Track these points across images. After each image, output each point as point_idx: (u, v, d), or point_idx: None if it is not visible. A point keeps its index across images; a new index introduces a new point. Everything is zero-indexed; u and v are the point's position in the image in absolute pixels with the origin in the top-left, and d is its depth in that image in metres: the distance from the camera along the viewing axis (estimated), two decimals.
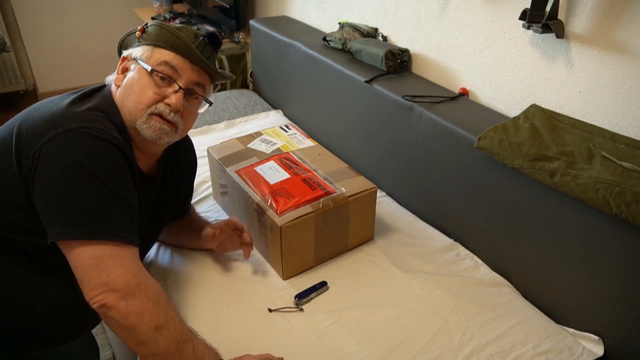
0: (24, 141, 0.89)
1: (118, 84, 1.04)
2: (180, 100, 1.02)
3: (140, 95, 1.00)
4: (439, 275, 1.30)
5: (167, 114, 1.01)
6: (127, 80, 1.03)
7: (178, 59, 1.02)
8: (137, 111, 1.00)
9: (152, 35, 1.04)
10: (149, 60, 1.02)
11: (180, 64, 1.02)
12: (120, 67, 1.06)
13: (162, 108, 1.01)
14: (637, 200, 0.96)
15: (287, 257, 1.25)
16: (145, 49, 1.03)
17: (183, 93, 1.02)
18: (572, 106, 1.25)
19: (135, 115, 1.00)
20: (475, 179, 1.31)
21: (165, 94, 1.01)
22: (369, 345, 1.10)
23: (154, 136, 1.01)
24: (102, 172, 0.88)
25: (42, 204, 0.87)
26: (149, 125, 1.00)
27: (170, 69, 1.02)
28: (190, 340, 0.92)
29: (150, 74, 1.01)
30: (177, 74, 1.02)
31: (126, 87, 1.02)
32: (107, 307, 0.84)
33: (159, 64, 1.01)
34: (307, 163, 1.42)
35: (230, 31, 2.60)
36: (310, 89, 1.95)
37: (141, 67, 1.02)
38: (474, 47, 1.46)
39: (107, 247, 0.86)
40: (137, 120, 1.00)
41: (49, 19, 3.23)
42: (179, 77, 1.03)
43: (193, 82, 1.05)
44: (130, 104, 1.00)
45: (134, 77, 1.02)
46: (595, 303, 1.12)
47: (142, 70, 1.02)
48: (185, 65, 1.03)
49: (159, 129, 1.01)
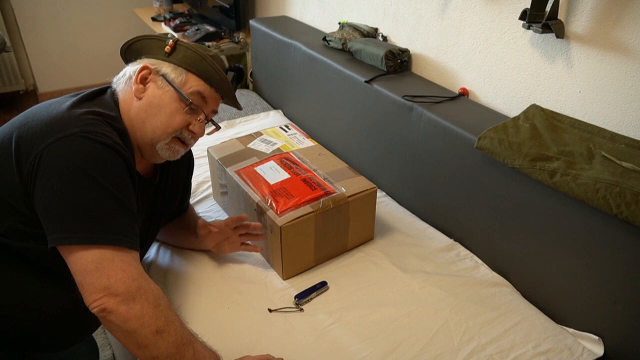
0: (24, 145, 0.89)
1: (139, 96, 1.02)
2: (204, 129, 1.08)
3: (169, 120, 1.02)
4: (439, 275, 1.30)
5: (189, 140, 1.07)
6: (154, 99, 1.02)
7: (210, 91, 1.07)
8: (162, 133, 1.03)
9: (187, 59, 1.04)
10: (184, 87, 1.03)
11: (210, 96, 1.07)
12: (139, 76, 1.03)
13: (186, 134, 1.06)
14: (637, 200, 0.96)
15: (287, 257, 1.25)
16: (180, 73, 1.04)
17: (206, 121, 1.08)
18: (572, 106, 1.25)
19: (160, 136, 1.03)
20: (475, 179, 1.31)
21: (190, 121, 1.05)
22: (369, 345, 1.10)
23: (170, 157, 1.07)
24: (103, 177, 0.88)
25: (43, 209, 0.87)
26: (170, 147, 1.05)
27: (201, 99, 1.05)
28: (191, 343, 0.92)
29: (185, 101, 1.02)
30: (205, 104, 1.07)
31: (152, 105, 1.02)
32: (108, 311, 0.84)
33: (192, 93, 1.04)
34: (307, 163, 1.42)
35: (230, 31, 2.60)
36: (310, 89, 1.95)
37: (174, 91, 1.02)
38: (474, 47, 1.46)
39: (108, 252, 0.86)
40: (159, 141, 1.03)
41: (49, 19, 3.23)
42: (205, 107, 1.07)
43: (214, 110, 1.11)
44: (156, 124, 1.02)
45: (163, 98, 1.02)
46: (595, 303, 1.12)
47: (175, 94, 1.02)
48: (213, 96, 1.08)
49: (177, 151, 1.07)
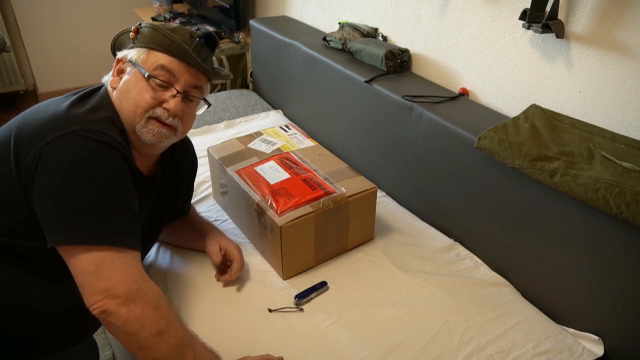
0: (22, 144, 0.88)
1: (114, 86, 1.02)
2: (179, 105, 1.01)
3: (137, 100, 0.99)
4: (439, 275, 1.30)
5: (166, 118, 1.01)
6: (124, 84, 1.01)
7: (174, 63, 1.01)
8: (135, 115, 0.99)
9: (146, 37, 1.02)
10: (145, 64, 1.00)
11: (176, 68, 1.01)
12: (115, 69, 1.04)
13: (160, 112, 1.00)
14: (637, 200, 0.96)
15: (287, 257, 1.25)
16: (141, 52, 1.02)
17: (181, 97, 1.02)
18: (572, 106, 1.25)
19: (134, 119, 0.99)
20: (475, 179, 1.31)
21: (163, 98, 1.00)
22: (369, 345, 1.10)
23: (154, 140, 1.01)
24: (103, 176, 0.87)
25: (41, 208, 0.86)
26: (148, 129, 0.99)
27: (167, 73, 1.01)
28: (191, 344, 0.91)
29: (147, 79, 0.99)
30: (174, 77, 1.01)
31: (123, 91, 1.01)
32: (108, 313, 0.83)
33: (155, 68, 1.00)
34: (307, 163, 1.42)
35: (230, 31, 2.59)
36: (310, 89, 1.95)
37: (137, 71, 1.00)
38: (474, 47, 1.46)
39: (108, 253, 0.85)
40: (135, 124, 0.99)
41: (49, 19, 3.23)
42: (176, 81, 1.02)
43: (190, 85, 1.04)
44: (127, 107, 0.99)
45: (130, 80, 1.01)
46: (595, 303, 1.12)
47: (139, 74, 1.00)
48: (181, 68, 1.02)
49: (158, 132, 1.00)
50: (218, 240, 1.26)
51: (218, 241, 1.25)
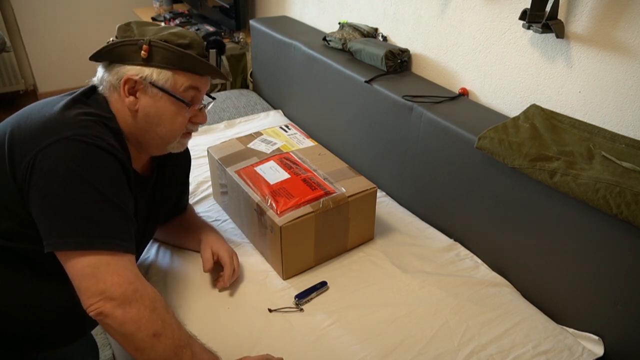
0: (17, 148, 0.88)
1: (133, 108, 1.00)
2: (206, 115, 1.09)
3: (172, 124, 1.03)
4: (439, 275, 1.30)
5: (195, 130, 1.10)
6: (151, 109, 1.00)
7: (199, 80, 1.04)
8: (172, 137, 1.05)
9: (166, 59, 0.99)
10: (175, 88, 1.01)
11: (202, 84, 1.06)
12: (127, 89, 0.99)
13: (192, 127, 1.08)
14: (637, 200, 0.96)
15: (287, 257, 1.25)
16: (166, 75, 0.99)
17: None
18: (572, 106, 1.25)
19: (169, 140, 1.05)
20: (475, 179, 1.31)
21: (191, 114, 1.06)
22: (369, 345, 1.10)
23: (180, 149, 1.10)
24: (98, 181, 0.87)
25: (38, 213, 0.86)
26: (182, 143, 1.08)
27: (194, 90, 1.04)
28: (189, 345, 0.92)
29: (182, 102, 1.02)
30: (199, 92, 1.06)
31: (151, 116, 1.00)
32: (104, 315, 0.84)
33: (185, 90, 1.02)
34: (307, 163, 1.42)
35: (230, 31, 2.60)
36: (310, 89, 1.95)
37: (167, 96, 1.00)
38: (474, 47, 1.46)
39: (104, 256, 0.86)
40: (169, 144, 1.05)
41: (48, 19, 3.23)
42: (200, 95, 1.07)
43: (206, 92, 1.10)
44: (162, 132, 1.03)
45: (159, 106, 1.00)
46: (595, 303, 1.12)
47: (170, 99, 1.00)
48: (204, 82, 1.07)
49: (185, 143, 1.11)
50: (211, 245, 1.25)
51: (211, 246, 1.24)
